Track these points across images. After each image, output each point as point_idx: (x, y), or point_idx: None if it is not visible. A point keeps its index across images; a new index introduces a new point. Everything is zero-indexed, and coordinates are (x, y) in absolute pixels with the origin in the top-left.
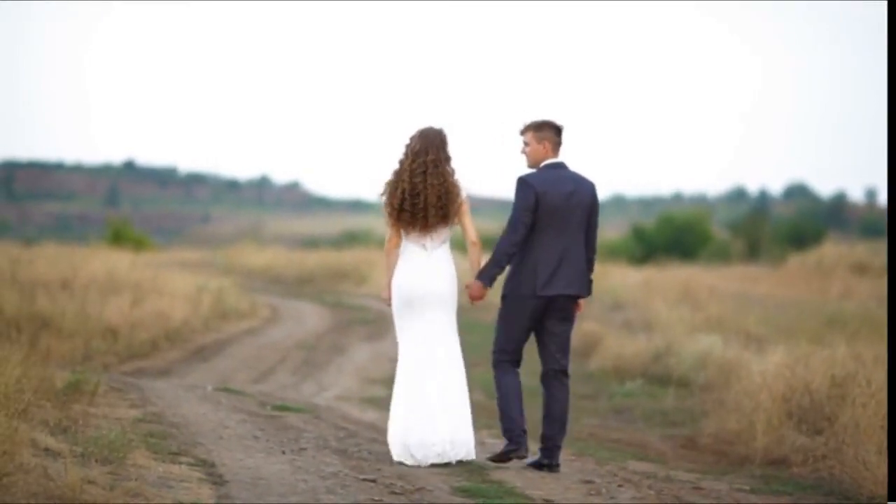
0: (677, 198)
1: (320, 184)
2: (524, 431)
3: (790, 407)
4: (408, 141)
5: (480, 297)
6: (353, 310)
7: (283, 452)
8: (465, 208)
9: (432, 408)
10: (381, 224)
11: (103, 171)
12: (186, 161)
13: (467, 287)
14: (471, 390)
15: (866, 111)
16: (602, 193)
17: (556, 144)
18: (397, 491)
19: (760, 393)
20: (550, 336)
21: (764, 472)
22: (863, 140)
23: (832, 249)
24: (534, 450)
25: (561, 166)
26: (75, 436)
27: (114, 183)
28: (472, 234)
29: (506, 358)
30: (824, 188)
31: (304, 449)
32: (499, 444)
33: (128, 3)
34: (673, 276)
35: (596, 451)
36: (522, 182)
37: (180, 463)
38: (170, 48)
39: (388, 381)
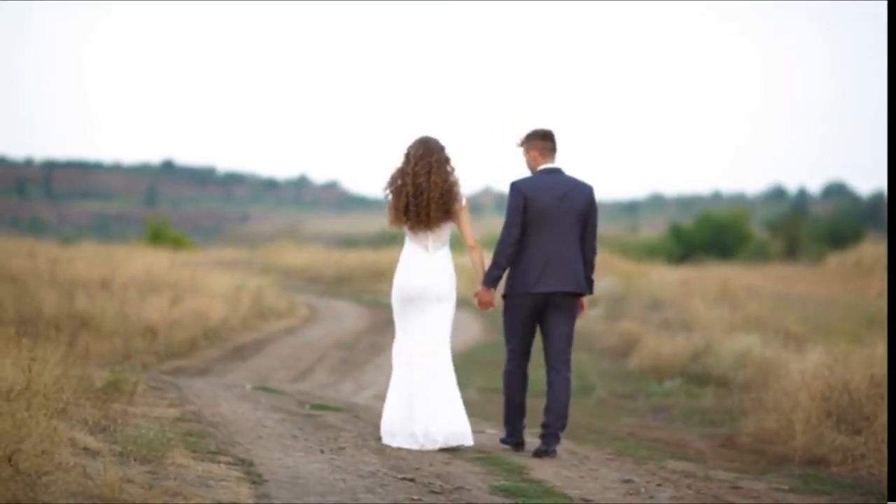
0: (716, 197)
1: (358, 183)
2: (523, 425)
3: (829, 406)
4: (407, 150)
5: (490, 303)
6: (391, 309)
7: (322, 451)
8: (465, 212)
9: (414, 396)
10: None
11: (142, 171)
12: (225, 160)
13: (476, 296)
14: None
15: None
16: (641, 192)
17: (547, 150)
18: (436, 490)
19: (799, 392)
20: (550, 331)
21: (803, 472)
22: None
23: (871, 248)
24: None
25: (555, 171)
26: (114, 435)
27: (152, 182)
28: (469, 239)
29: (513, 356)
30: (863, 187)
31: (343, 448)
32: (538, 442)
33: (171, 1)
34: (711, 275)
35: (635, 451)
36: (512, 186)
37: (219, 462)
38: (210, 48)
39: None
